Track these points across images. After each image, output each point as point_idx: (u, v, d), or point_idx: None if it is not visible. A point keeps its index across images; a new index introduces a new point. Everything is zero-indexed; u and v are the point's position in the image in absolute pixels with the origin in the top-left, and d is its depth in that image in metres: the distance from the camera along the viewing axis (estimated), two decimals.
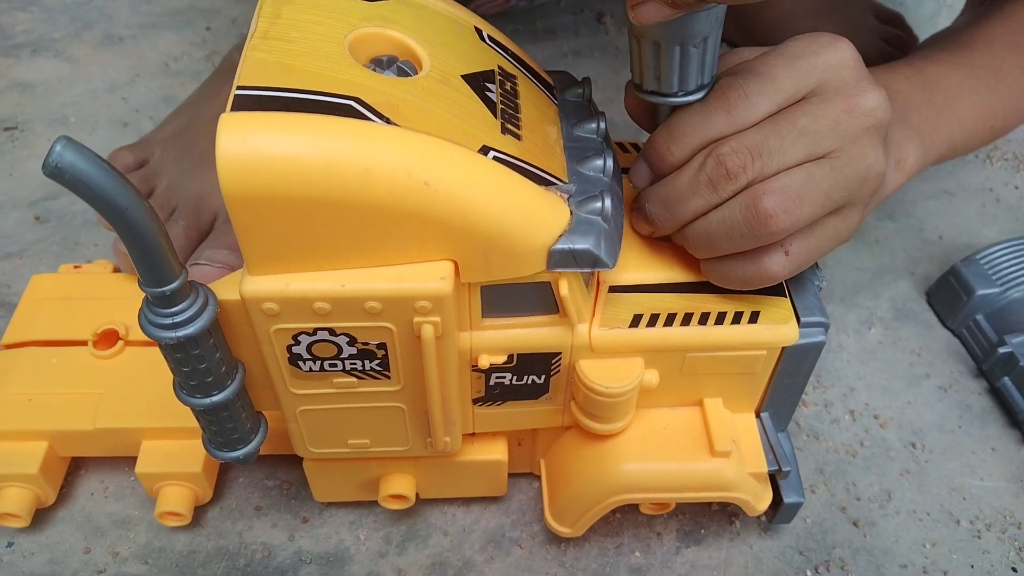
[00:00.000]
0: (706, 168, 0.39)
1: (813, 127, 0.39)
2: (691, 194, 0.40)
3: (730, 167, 0.39)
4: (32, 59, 0.88)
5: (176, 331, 0.35)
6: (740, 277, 0.42)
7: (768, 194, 0.38)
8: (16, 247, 0.70)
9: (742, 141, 0.39)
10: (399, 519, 0.55)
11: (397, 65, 0.38)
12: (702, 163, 0.40)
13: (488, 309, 0.41)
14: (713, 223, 0.40)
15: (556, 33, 0.94)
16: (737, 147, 0.39)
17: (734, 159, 0.39)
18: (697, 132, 0.40)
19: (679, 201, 0.41)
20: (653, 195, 0.42)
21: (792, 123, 0.39)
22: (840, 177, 0.40)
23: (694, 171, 0.40)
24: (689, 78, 0.39)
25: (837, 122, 0.39)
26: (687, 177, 0.40)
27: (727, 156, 0.39)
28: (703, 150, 0.40)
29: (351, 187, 0.33)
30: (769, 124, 0.39)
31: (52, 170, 0.29)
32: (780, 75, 0.39)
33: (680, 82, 0.40)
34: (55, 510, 0.55)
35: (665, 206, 0.42)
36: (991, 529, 0.56)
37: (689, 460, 0.47)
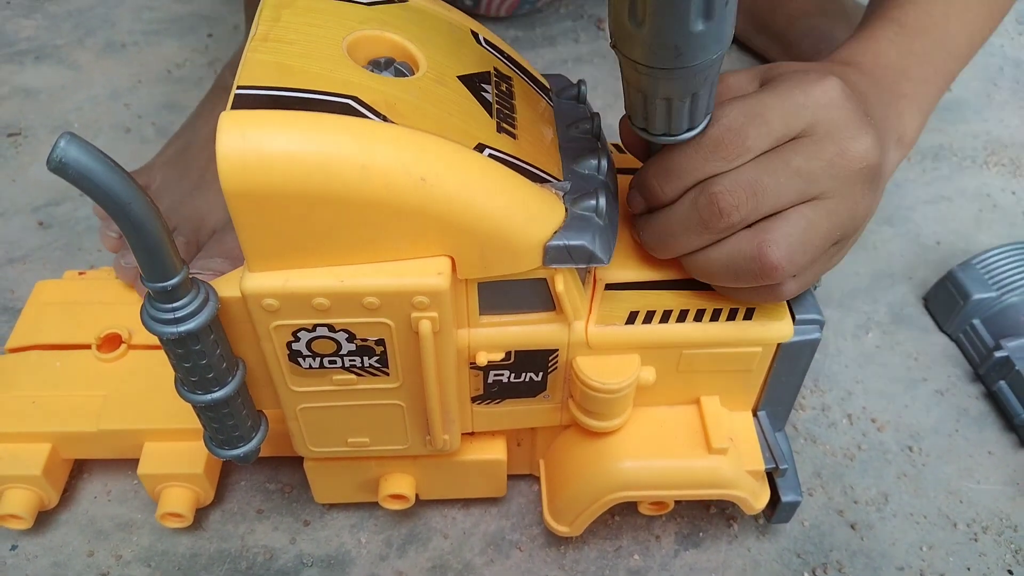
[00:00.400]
0: (699, 206, 0.39)
1: (807, 168, 0.39)
2: (683, 231, 0.41)
3: (723, 206, 0.39)
4: (35, 65, 0.89)
5: (177, 326, 0.35)
6: (750, 299, 0.44)
7: (774, 246, 0.39)
8: (19, 252, 0.71)
9: (736, 180, 0.39)
10: (400, 522, 0.55)
11: (394, 66, 0.39)
12: (695, 200, 0.40)
13: (485, 306, 0.41)
14: (714, 263, 0.41)
15: (555, 40, 0.95)
16: (730, 186, 0.39)
17: (727, 198, 0.39)
18: (689, 174, 0.40)
19: (672, 236, 0.41)
20: (647, 226, 0.43)
21: (786, 163, 0.39)
22: (836, 219, 0.41)
23: (687, 208, 0.40)
24: (680, 124, 0.39)
25: (831, 164, 0.40)
26: (680, 214, 0.41)
27: (720, 195, 0.39)
28: (695, 187, 0.40)
29: (349, 183, 0.34)
30: (763, 162, 0.39)
31: (56, 165, 0.29)
32: (773, 116, 0.39)
33: (670, 126, 0.39)
34: (58, 513, 0.55)
35: (659, 239, 0.42)
36: (988, 532, 0.56)
37: (686, 457, 0.47)
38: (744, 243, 0.40)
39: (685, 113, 0.38)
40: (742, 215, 0.39)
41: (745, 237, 0.40)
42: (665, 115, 0.38)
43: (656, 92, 0.37)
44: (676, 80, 0.35)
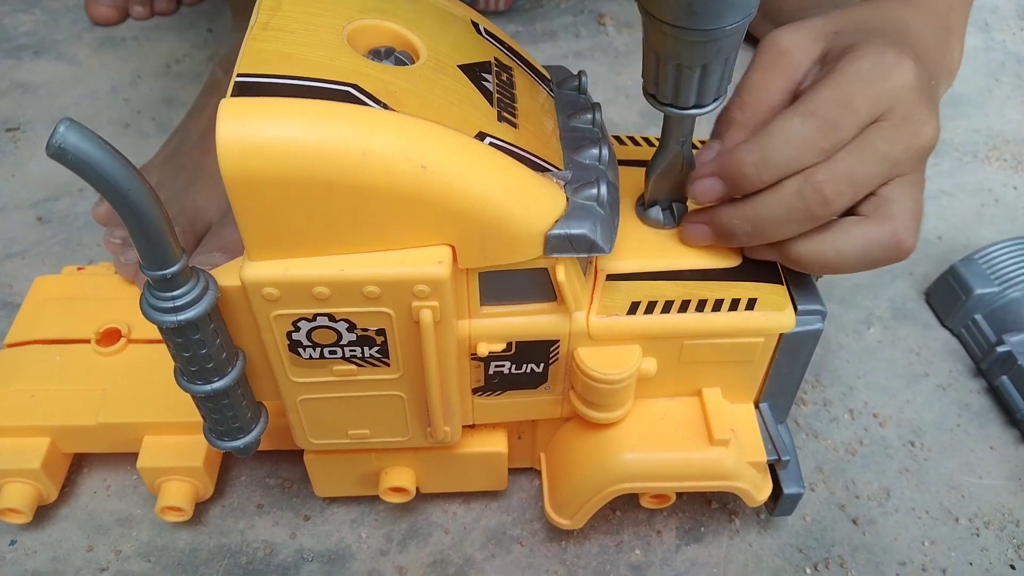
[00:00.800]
0: (804, 196, 0.41)
1: (891, 153, 0.42)
2: (787, 219, 0.42)
3: (828, 195, 0.41)
4: (34, 60, 0.89)
5: (177, 315, 0.35)
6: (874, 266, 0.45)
7: (906, 232, 0.42)
8: (18, 247, 0.70)
9: (835, 170, 0.41)
10: (400, 517, 0.55)
11: (395, 55, 0.38)
12: (799, 191, 0.41)
13: (486, 296, 0.41)
14: (845, 254, 0.43)
15: (556, 35, 0.94)
16: (832, 176, 0.41)
17: (831, 187, 0.41)
18: (792, 162, 0.41)
19: (773, 224, 0.43)
20: (739, 214, 0.43)
21: (874, 150, 0.41)
22: (919, 192, 0.44)
23: (791, 197, 0.41)
24: (688, 96, 0.40)
25: (907, 147, 0.42)
26: (783, 203, 0.42)
27: (824, 184, 0.41)
28: (794, 176, 0.41)
29: (349, 170, 0.34)
30: (855, 151, 0.41)
31: (55, 151, 0.29)
32: (859, 104, 0.41)
33: (677, 96, 0.40)
34: (58, 508, 0.55)
35: (754, 226, 0.43)
36: (990, 527, 0.56)
37: (688, 449, 0.47)
38: (875, 232, 0.42)
39: (694, 85, 0.38)
40: (844, 202, 0.42)
41: (875, 227, 0.42)
42: (674, 83, 0.39)
43: (667, 54, 0.37)
44: (687, 44, 0.36)
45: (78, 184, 0.76)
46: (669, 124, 0.43)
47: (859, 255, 0.43)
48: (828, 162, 0.41)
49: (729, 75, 0.40)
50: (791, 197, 0.41)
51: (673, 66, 0.38)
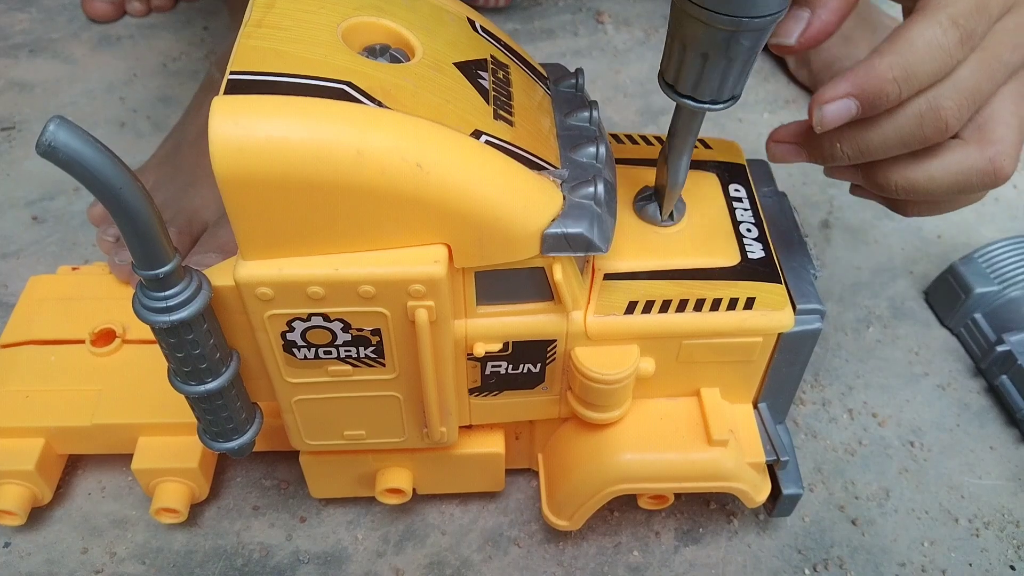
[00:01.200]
0: (925, 123, 0.38)
1: (1012, 61, 0.38)
2: (899, 144, 0.39)
3: (951, 122, 0.38)
4: (30, 59, 0.88)
5: (170, 315, 0.35)
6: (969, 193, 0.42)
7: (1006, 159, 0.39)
8: (13, 247, 0.70)
9: (960, 92, 0.37)
10: (397, 518, 0.55)
11: (390, 53, 0.38)
12: (920, 116, 0.38)
13: (483, 296, 0.41)
14: (921, 176, 0.40)
15: (554, 33, 0.94)
16: (958, 100, 0.37)
17: (954, 112, 0.37)
18: (933, 76, 0.37)
19: (881, 149, 0.39)
20: (847, 137, 0.40)
21: (998, 60, 0.38)
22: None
23: (911, 122, 0.38)
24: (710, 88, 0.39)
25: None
26: (900, 128, 0.38)
27: (948, 111, 0.37)
28: (917, 98, 0.38)
29: (344, 169, 0.33)
30: (980, 64, 0.38)
31: (45, 149, 0.29)
32: (994, 4, 0.37)
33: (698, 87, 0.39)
34: (52, 510, 0.55)
35: (860, 151, 0.40)
36: (989, 527, 0.56)
37: (687, 450, 0.47)
38: (973, 157, 0.39)
39: (716, 78, 0.38)
40: (960, 125, 0.38)
41: (972, 152, 0.39)
42: (697, 73, 0.38)
43: (695, 41, 0.37)
44: (717, 32, 0.36)
45: (73, 183, 0.75)
46: (682, 118, 0.42)
47: (953, 181, 0.40)
48: (952, 80, 0.37)
49: (746, 77, 0.39)
50: (911, 122, 0.38)
51: (699, 55, 0.37)
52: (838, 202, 0.77)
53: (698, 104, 0.40)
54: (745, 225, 0.47)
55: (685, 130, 0.42)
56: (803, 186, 0.78)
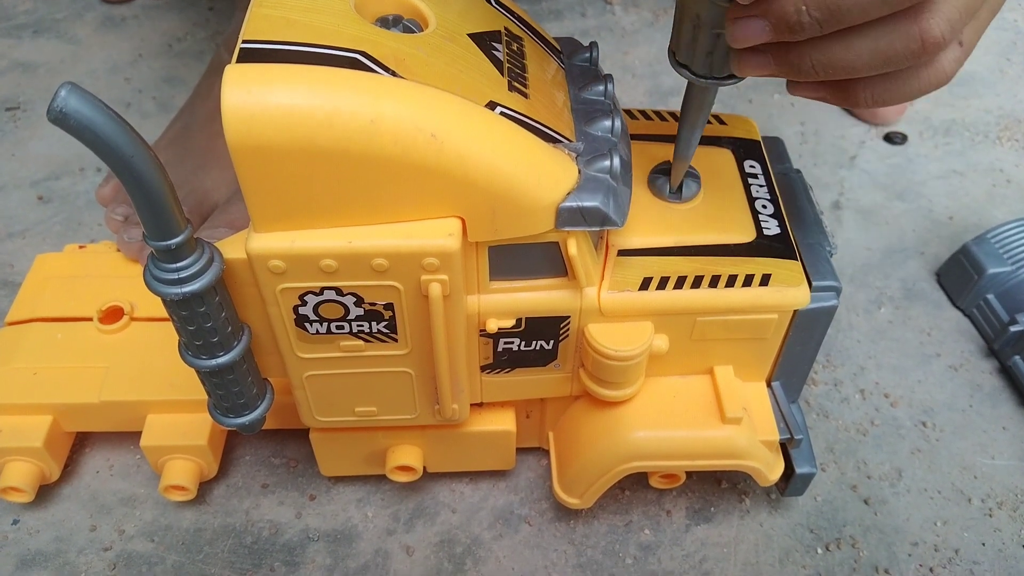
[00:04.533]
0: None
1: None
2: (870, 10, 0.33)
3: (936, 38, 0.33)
4: (34, 39, 0.88)
5: (181, 287, 0.35)
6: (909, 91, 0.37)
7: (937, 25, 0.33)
8: (19, 227, 0.70)
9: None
10: (407, 496, 0.55)
11: (403, 23, 0.38)
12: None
13: (496, 271, 0.40)
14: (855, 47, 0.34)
15: (562, 14, 0.93)
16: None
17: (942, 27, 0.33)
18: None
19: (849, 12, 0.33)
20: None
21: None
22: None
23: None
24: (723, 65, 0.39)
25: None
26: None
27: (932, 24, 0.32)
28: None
29: (357, 138, 0.33)
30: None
31: (56, 115, 0.28)
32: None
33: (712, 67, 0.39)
34: (60, 488, 0.55)
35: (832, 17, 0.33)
36: (1002, 507, 0.56)
37: (700, 428, 0.46)
38: (896, 24, 0.33)
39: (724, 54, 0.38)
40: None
41: (898, 16, 0.33)
42: (708, 51, 0.38)
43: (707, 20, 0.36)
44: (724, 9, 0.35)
45: (79, 163, 0.75)
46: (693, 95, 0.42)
47: (872, 50, 0.34)
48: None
49: None
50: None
51: (711, 33, 0.37)
52: (849, 183, 0.77)
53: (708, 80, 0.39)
54: (760, 201, 0.47)
55: (697, 106, 0.42)
56: (814, 167, 0.78)
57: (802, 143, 0.80)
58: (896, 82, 0.36)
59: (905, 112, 0.82)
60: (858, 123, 0.82)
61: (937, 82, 0.36)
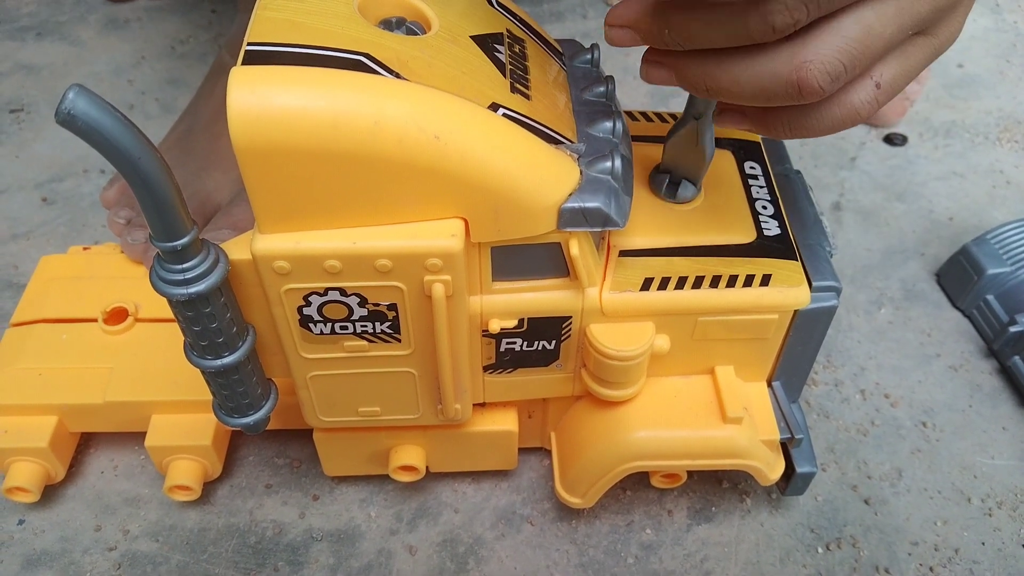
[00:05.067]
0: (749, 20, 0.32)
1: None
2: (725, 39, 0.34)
3: (777, 24, 0.32)
4: (37, 42, 0.88)
5: (187, 287, 0.35)
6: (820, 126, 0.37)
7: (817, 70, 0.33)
8: (23, 228, 0.70)
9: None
10: (409, 496, 0.55)
11: (406, 25, 0.38)
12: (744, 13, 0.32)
13: (498, 272, 0.41)
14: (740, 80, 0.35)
15: (564, 16, 0.94)
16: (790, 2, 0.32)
17: (784, 16, 0.32)
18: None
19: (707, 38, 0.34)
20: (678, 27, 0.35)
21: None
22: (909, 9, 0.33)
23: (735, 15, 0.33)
24: None
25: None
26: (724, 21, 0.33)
27: (775, 12, 0.32)
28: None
29: (361, 140, 0.33)
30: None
31: (64, 117, 0.29)
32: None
33: None
34: (65, 488, 0.55)
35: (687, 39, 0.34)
36: (1002, 507, 0.56)
37: (701, 427, 0.46)
38: (779, 62, 0.33)
39: None
40: (792, 28, 0.32)
41: (782, 54, 0.33)
42: None
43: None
44: None
45: (82, 165, 0.75)
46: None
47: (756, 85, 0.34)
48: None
49: None
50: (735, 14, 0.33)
51: None
52: (849, 184, 0.77)
53: None
54: (761, 202, 0.47)
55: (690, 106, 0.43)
56: (814, 168, 0.78)
57: (803, 144, 0.81)
58: (806, 117, 0.37)
59: (905, 114, 0.83)
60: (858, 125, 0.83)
61: (850, 120, 0.36)
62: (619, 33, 0.38)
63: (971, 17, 0.94)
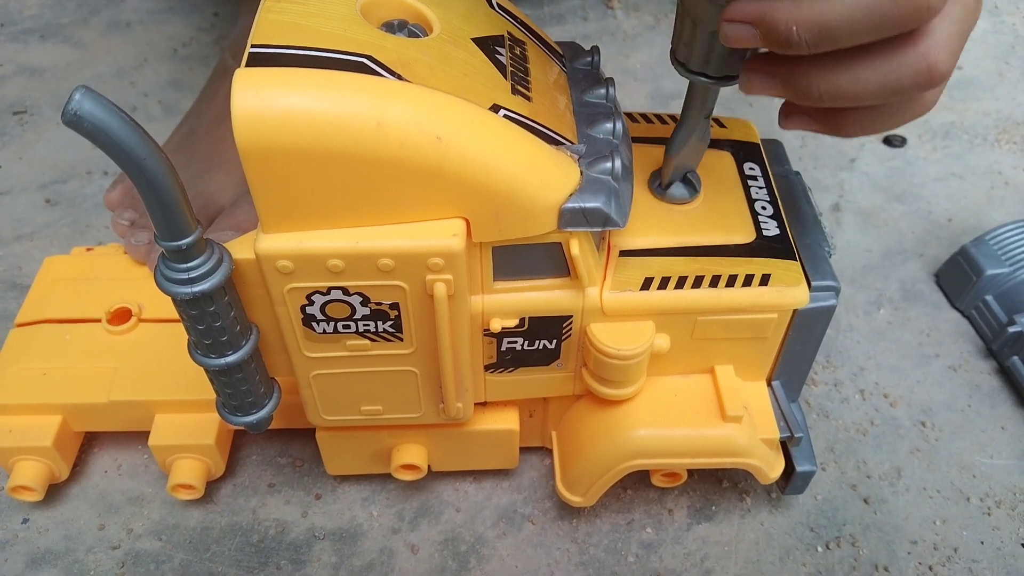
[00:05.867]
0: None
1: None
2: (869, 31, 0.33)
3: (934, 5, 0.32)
4: (40, 44, 0.88)
5: (192, 286, 0.35)
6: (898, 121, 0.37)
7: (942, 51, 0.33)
8: (27, 229, 0.70)
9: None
10: (411, 495, 0.55)
11: (408, 28, 0.38)
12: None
13: (500, 272, 0.41)
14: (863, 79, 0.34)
15: (564, 18, 0.94)
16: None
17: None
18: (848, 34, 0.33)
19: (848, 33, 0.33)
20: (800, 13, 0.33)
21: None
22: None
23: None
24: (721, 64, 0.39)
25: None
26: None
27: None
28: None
29: (364, 141, 0.34)
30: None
31: (71, 118, 0.29)
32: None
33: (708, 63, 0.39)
34: (69, 487, 0.55)
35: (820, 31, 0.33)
36: (1001, 506, 0.56)
37: (701, 426, 0.47)
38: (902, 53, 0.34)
39: (726, 54, 0.38)
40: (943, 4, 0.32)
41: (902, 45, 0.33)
42: (706, 50, 0.39)
43: (704, 18, 0.37)
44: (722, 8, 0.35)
45: (86, 166, 0.76)
46: (693, 95, 0.43)
47: (881, 82, 0.34)
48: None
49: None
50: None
51: (709, 33, 0.38)
52: (849, 185, 0.77)
53: (710, 80, 0.40)
54: (760, 203, 0.48)
55: (697, 107, 0.43)
56: (814, 170, 0.78)
57: (802, 146, 0.81)
58: (886, 113, 0.37)
59: None
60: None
61: (923, 111, 0.37)
62: (738, 30, 0.35)
63: None
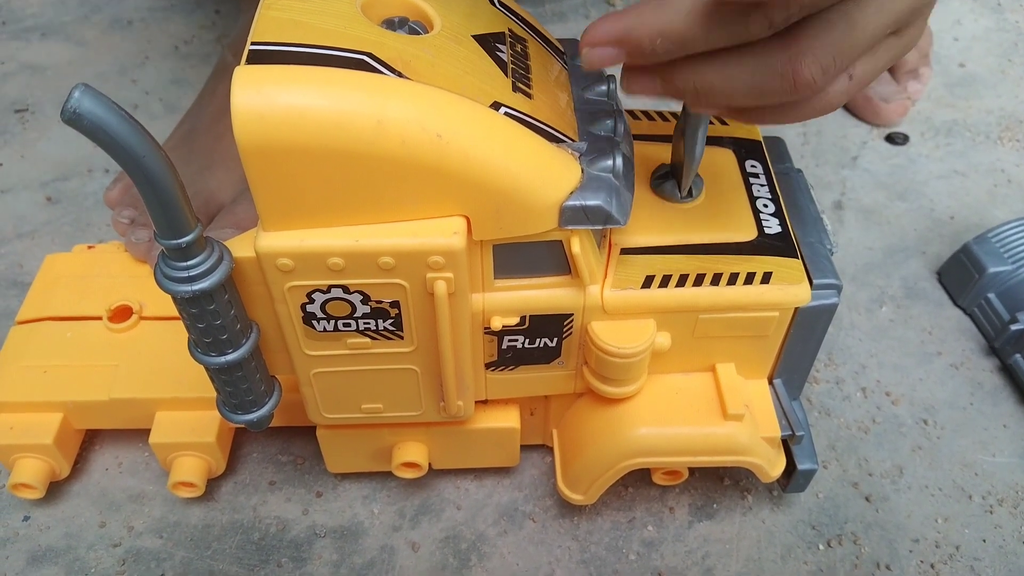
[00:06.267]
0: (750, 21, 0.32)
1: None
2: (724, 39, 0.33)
3: (776, 22, 0.32)
4: (42, 42, 0.88)
5: (192, 284, 0.35)
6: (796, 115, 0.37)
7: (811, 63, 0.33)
8: (28, 227, 0.70)
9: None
10: (412, 493, 0.55)
11: (409, 25, 0.38)
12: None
13: (500, 270, 0.41)
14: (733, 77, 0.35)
15: (566, 16, 0.94)
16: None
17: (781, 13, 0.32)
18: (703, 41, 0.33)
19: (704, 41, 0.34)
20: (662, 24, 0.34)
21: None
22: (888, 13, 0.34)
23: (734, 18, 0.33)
24: None
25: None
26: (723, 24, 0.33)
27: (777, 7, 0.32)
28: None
29: (364, 138, 0.33)
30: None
31: (70, 116, 0.29)
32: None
33: None
34: (70, 484, 0.55)
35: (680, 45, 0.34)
36: (1003, 504, 0.56)
37: (702, 424, 0.47)
38: (770, 58, 0.34)
39: None
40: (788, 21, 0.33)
41: (773, 48, 0.33)
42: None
43: None
44: None
45: (87, 164, 0.76)
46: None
47: (748, 83, 0.34)
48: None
49: None
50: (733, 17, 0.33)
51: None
52: (851, 183, 0.77)
53: None
54: (762, 200, 0.48)
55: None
56: (816, 167, 0.78)
57: (804, 143, 0.81)
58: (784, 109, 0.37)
59: (907, 113, 0.83)
60: (860, 124, 0.83)
61: (822, 111, 0.37)
62: (601, 53, 0.36)
63: (973, 17, 0.95)
